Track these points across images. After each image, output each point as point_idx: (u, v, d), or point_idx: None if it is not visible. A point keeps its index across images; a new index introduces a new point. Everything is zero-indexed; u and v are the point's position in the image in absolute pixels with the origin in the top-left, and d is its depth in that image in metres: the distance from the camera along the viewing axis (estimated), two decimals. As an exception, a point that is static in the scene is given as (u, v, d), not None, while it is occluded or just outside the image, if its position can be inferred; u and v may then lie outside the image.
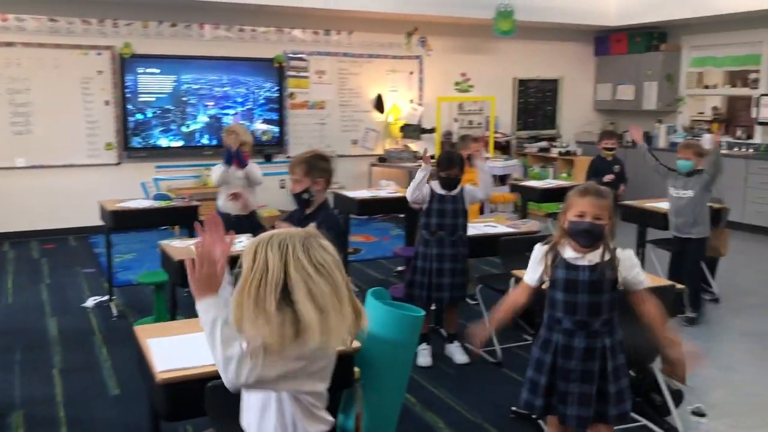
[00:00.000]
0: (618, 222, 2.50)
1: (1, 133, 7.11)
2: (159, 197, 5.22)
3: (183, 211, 5.02)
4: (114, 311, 4.97)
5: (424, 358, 4.06)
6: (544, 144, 9.65)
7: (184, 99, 7.71)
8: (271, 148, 8.16)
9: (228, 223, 4.61)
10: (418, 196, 3.97)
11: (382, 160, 8.64)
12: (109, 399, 3.60)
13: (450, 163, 3.95)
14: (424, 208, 4.02)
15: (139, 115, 7.54)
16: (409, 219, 5.88)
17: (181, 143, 7.77)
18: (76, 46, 7.29)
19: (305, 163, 3.16)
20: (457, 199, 3.98)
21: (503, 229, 4.62)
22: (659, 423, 3.28)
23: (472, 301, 4.80)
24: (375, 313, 2.49)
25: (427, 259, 3.98)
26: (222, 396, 1.97)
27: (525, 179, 8.47)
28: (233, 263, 1.71)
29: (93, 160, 7.50)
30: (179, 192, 6.45)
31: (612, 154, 6.39)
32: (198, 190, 7.48)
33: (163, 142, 7.68)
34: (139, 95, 7.50)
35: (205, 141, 7.87)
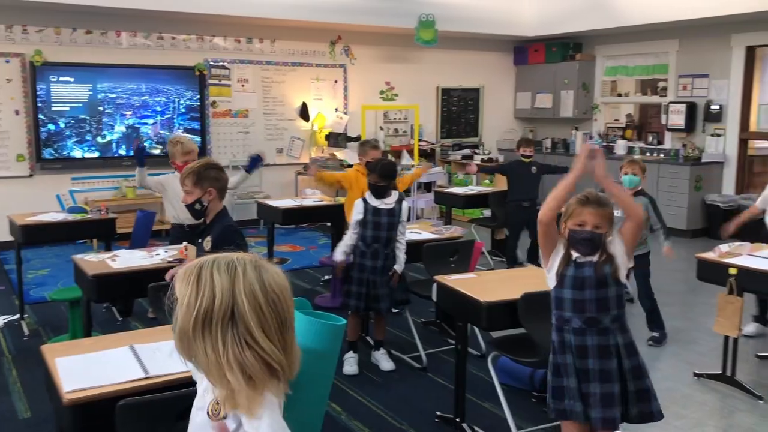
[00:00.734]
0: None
1: None
2: (73, 210, 5.02)
3: (99, 224, 4.85)
4: (25, 330, 4.74)
5: (351, 366, 4.05)
6: (467, 151, 9.83)
7: (100, 108, 7.46)
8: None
9: (182, 234, 4.45)
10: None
11: (308, 168, 8.59)
12: (18, 423, 3.42)
13: (374, 169, 3.97)
14: (359, 219, 3.98)
15: (52, 126, 7.24)
16: (335, 227, 5.86)
17: (96, 154, 7.50)
18: (-18, 53, 6.97)
19: (194, 173, 3.08)
20: (393, 212, 3.98)
21: (427, 235, 4.67)
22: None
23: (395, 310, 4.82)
24: (297, 323, 2.46)
25: (363, 270, 3.97)
26: (134, 415, 1.91)
27: (449, 186, 8.61)
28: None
29: (3, 172, 7.15)
30: (96, 204, 6.22)
31: (530, 160, 6.56)
32: (117, 202, 7.25)
33: (78, 153, 7.40)
34: (52, 104, 7.21)
35: (122, 152, 7.63)
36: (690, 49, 8.43)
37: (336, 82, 8.95)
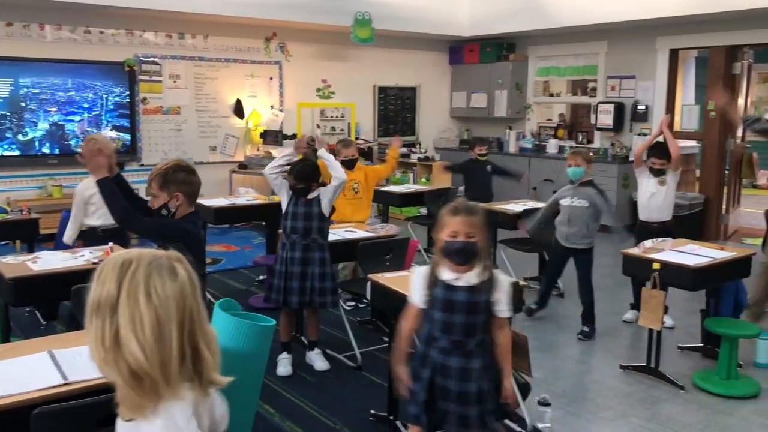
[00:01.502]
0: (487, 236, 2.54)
1: None
2: (-8, 210, 4.81)
3: (21, 225, 4.66)
4: (-61, 337, 4.50)
5: (284, 367, 4.01)
6: (404, 150, 9.86)
7: (22, 104, 7.15)
8: (123, 156, 7.75)
9: (95, 238, 4.28)
10: (274, 173, 4.01)
11: (243, 166, 8.47)
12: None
13: (292, 171, 3.94)
14: (286, 207, 3.97)
15: (-30, 122, 6.91)
16: (270, 227, 5.80)
17: (17, 152, 7.18)
18: None
19: (160, 176, 2.93)
20: (311, 203, 3.95)
21: (362, 234, 4.67)
22: (509, 415, 3.42)
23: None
24: (223, 324, 2.42)
25: (282, 262, 3.93)
26: (51, 423, 1.83)
27: (386, 184, 8.63)
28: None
29: None
30: (18, 204, 5.97)
31: (485, 159, 6.67)
32: (41, 202, 6.96)
33: (-2, 151, 7.08)
34: (-31, 100, 6.88)
35: (46, 150, 7.33)
36: (618, 50, 8.70)
37: (271, 79, 8.85)
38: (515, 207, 5.79)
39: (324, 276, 3.97)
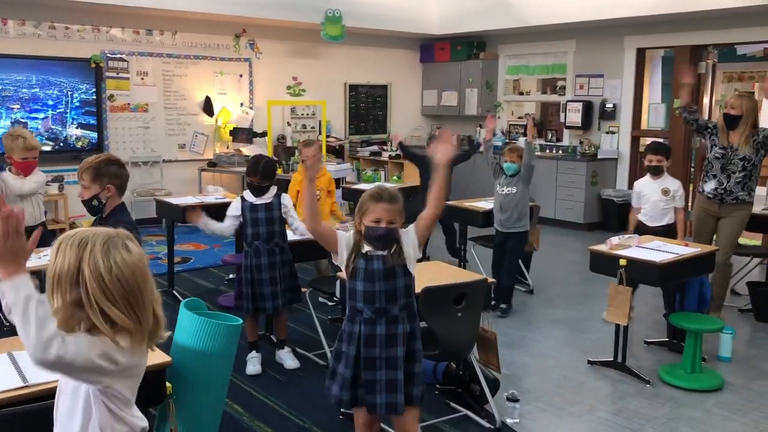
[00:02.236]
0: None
1: None
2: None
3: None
4: None
5: (254, 366, 3.98)
6: (375, 148, 9.88)
7: (-16, 101, 7.00)
8: (88, 154, 7.61)
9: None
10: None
11: (212, 164, 8.39)
12: None
13: (256, 170, 3.91)
14: (236, 214, 3.97)
15: (-70, 119, 6.74)
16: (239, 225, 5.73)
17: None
18: None
19: (93, 168, 2.98)
20: (271, 207, 3.94)
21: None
22: (478, 411, 3.44)
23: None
24: (189, 324, 2.39)
25: (248, 270, 3.92)
26: (10, 427, 1.80)
27: (358, 183, 8.62)
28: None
29: None
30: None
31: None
32: None
33: (-39, 149, 6.91)
34: (-71, 96, 6.70)
35: (11, 147, 7.18)
36: (586, 49, 8.79)
37: (241, 76, 8.77)
38: (485, 204, 5.82)
39: (292, 275, 4.04)
